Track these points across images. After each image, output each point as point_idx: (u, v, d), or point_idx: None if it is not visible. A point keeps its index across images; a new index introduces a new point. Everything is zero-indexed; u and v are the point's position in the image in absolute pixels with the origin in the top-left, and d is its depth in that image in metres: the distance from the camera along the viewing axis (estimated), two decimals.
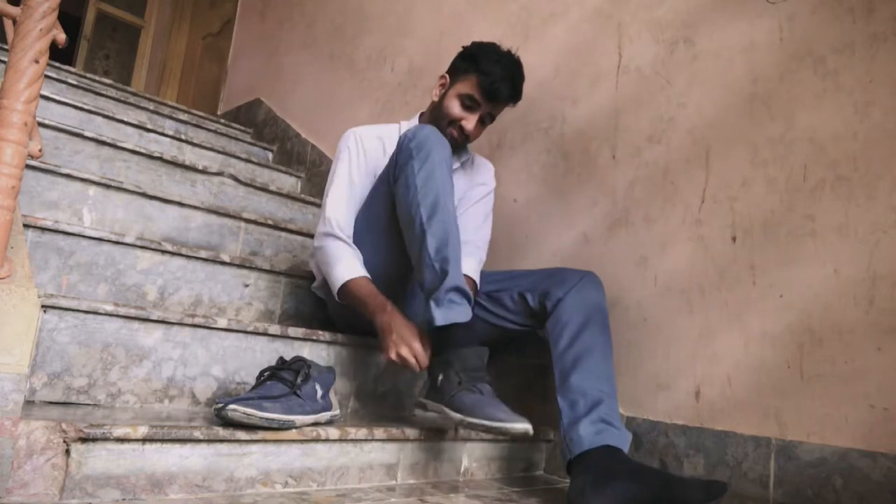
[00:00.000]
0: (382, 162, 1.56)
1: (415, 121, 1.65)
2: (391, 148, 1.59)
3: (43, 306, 1.09)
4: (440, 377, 1.26)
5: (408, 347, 1.27)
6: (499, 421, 1.14)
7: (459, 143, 1.59)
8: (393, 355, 1.28)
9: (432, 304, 1.25)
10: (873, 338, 1.15)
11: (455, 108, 1.55)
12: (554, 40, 1.86)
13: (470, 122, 1.54)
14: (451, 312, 1.24)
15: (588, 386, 1.27)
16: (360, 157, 1.58)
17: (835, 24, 1.29)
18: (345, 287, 1.40)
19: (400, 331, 1.29)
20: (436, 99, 1.61)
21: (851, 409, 1.16)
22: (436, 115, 1.58)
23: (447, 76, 1.60)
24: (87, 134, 1.88)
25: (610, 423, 1.23)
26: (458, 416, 1.20)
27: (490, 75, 1.50)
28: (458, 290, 1.26)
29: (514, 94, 1.55)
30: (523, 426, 1.14)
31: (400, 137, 1.41)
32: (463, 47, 1.60)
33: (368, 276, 1.42)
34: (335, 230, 1.47)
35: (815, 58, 1.31)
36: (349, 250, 1.45)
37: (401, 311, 1.35)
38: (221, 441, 1.03)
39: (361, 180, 1.56)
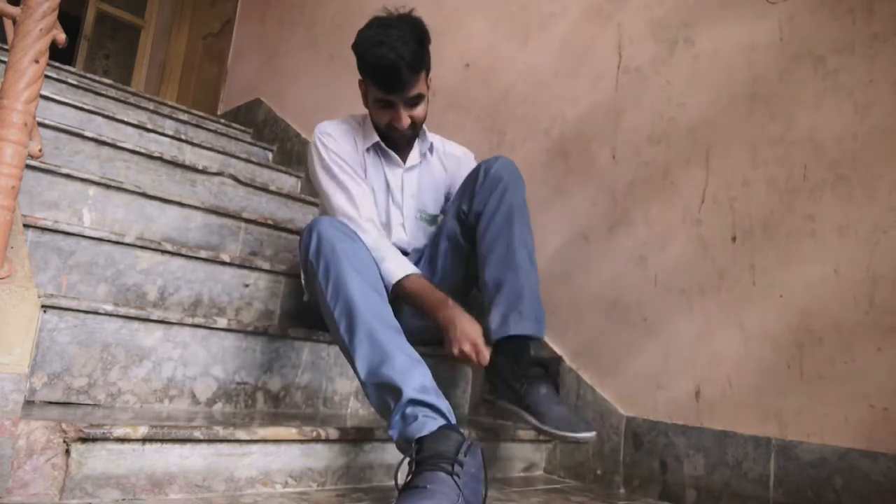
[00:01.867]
0: (358, 159, 1.52)
1: (368, 123, 1.54)
2: (361, 144, 1.53)
3: (43, 306, 1.09)
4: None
5: (470, 343, 1.25)
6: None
7: (411, 135, 1.51)
8: (455, 351, 1.26)
9: (388, 422, 1.09)
10: (873, 338, 1.15)
11: (379, 116, 1.46)
12: (554, 40, 1.86)
13: (398, 119, 1.43)
14: (408, 430, 1.05)
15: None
16: (345, 158, 1.49)
17: (835, 24, 1.29)
18: (398, 284, 1.33)
19: (462, 326, 1.27)
20: (365, 105, 1.51)
21: (851, 409, 1.16)
22: (375, 125, 1.51)
23: (361, 81, 1.47)
24: (87, 134, 1.88)
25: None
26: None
27: (378, 70, 1.35)
28: (415, 402, 1.08)
29: (414, 67, 1.36)
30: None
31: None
32: (352, 46, 1.43)
33: (419, 272, 1.38)
34: (370, 220, 1.41)
35: (815, 58, 1.31)
36: (391, 245, 1.40)
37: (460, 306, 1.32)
38: (221, 441, 1.02)
39: (360, 176, 1.50)
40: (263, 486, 1.07)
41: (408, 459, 1.01)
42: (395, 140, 1.52)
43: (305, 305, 1.55)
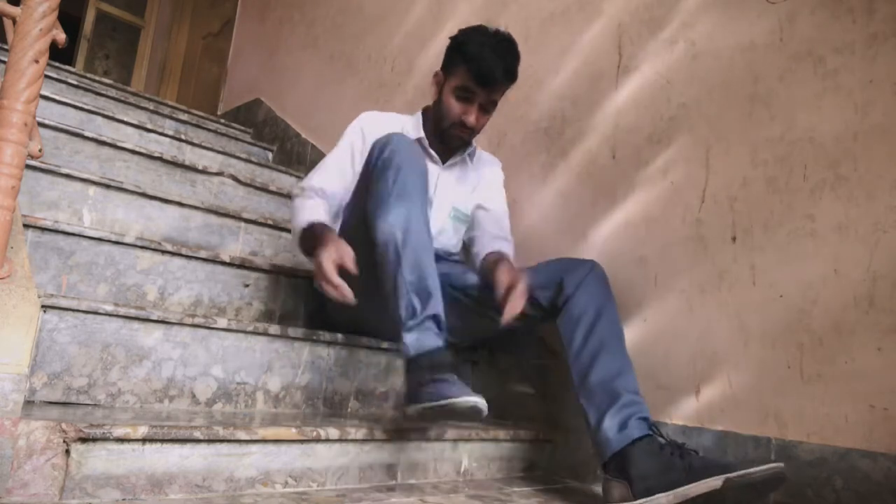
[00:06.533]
0: None
1: (419, 118, 1.62)
2: None
3: (43, 306, 1.09)
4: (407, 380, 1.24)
5: (326, 281, 1.23)
6: (446, 398, 1.10)
7: (466, 139, 1.58)
8: (316, 286, 1.30)
9: (405, 333, 1.21)
10: (873, 338, 1.15)
11: (453, 106, 1.51)
12: (554, 40, 1.86)
13: (470, 114, 1.50)
14: (424, 340, 1.21)
15: (607, 382, 1.25)
16: (361, 150, 1.53)
17: (835, 24, 1.29)
18: (304, 233, 1.39)
19: (321, 260, 1.24)
20: (434, 98, 1.57)
21: (851, 409, 1.16)
22: (438, 117, 1.56)
23: (441, 72, 1.55)
24: (87, 134, 1.88)
25: (632, 415, 1.22)
26: (410, 408, 1.18)
27: (479, 60, 1.44)
28: (435, 318, 1.23)
29: (509, 74, 1.47)
30: (473, 399, 1.09)
31: (371, 147, 1.38)
32: (450, 37, 1.54)
33: (328, 224, 1.41)
34: (312, 191, 1.49)
35: (815, 58, 1.31)
36: (320, 203, 1.47)
37: (342, 239, 1.31)
38: (221, 441, 1.02)
39: (355, 173, 1.52)
40: (263, 486, 1.07)
41: (413, 367, 1.20)
42: (448, 140, 1.57)
43: (331, 306, 1.56)
